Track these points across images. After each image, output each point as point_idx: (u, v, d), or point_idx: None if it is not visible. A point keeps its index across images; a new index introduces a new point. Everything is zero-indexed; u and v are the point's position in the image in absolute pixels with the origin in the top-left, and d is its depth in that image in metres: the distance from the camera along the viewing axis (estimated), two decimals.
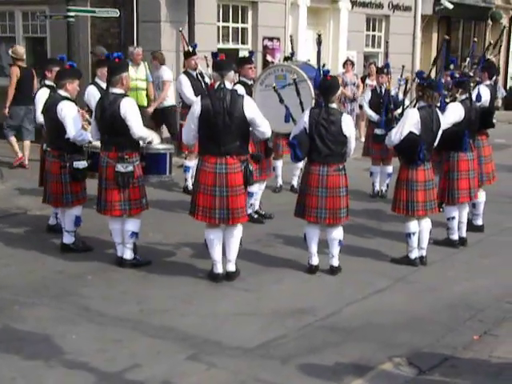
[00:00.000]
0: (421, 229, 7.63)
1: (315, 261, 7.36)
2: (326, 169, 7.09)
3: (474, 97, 8.38)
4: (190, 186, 10.54)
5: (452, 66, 9.40)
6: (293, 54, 10.28)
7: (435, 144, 7.62)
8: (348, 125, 7.14)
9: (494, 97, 9.15)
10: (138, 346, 5.52)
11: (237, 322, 6.08)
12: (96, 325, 5.91)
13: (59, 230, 8.04)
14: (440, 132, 7.55)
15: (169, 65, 13.05)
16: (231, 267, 7.05)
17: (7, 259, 7.57)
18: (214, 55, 7.27)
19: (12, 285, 6.80)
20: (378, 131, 10.49)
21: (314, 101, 8.13)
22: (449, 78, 9.36)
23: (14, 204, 9.71)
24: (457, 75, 8.69)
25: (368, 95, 11.08)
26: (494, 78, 9.73)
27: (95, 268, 7.29)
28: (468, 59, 10.04)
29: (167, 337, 5.70)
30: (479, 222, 9.13)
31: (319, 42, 8.14)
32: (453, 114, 7.99)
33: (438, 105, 8.07)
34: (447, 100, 8.36)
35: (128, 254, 7.30)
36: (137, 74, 11.72)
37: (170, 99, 12.11)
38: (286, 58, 10.20)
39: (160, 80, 11.98)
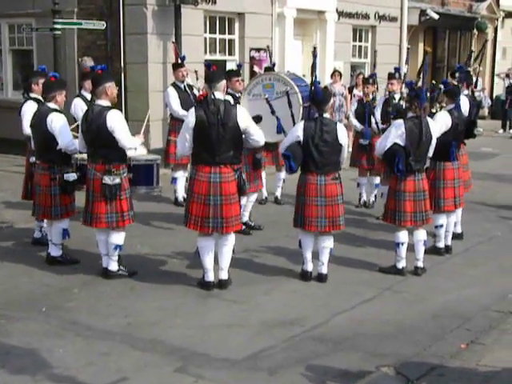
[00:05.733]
0: (414, 240, 7.66)
1: (310, 267, 7.41)
2: (324, 178, 7.17)
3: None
4: (180, 198, 10.52)
5: (397, 75, 9.57)
6: (274, 64, 10.32)
7: (429, 154, 7.65)
8: (343, 133, 7.26)
9: (472, 106, 9.20)
10: (125, 359, 5.50)
11: (225, 333, 6.07)
12: (83, 338, 5.88)
13: (45, 243, 8.00)
14: (433, 142, 7.57)
15: (156, 77, 13.10)
16: (224, 275, 7.07)
17: None
18: (208, 66, 7.28)
19: None
20: (362, 141, 10.54)
21: (301, 108, 8.16)
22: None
23: None
24: (441, 86, 8.74)
25: (355, 105, 11.10)
26: (471, 88, 9.88)
27: (82, 281, 7.26)
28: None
29: (155, 350, 5.67)
30: (458, 229, 9.14)
31: (315, 55, 8.16)
32: (440, 124, 8.00)
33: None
34: (433, 110, 8.40)
35: (113, 266, 7.30)
36: None
37: None
38: (267, 69, 10.24)
39: None
